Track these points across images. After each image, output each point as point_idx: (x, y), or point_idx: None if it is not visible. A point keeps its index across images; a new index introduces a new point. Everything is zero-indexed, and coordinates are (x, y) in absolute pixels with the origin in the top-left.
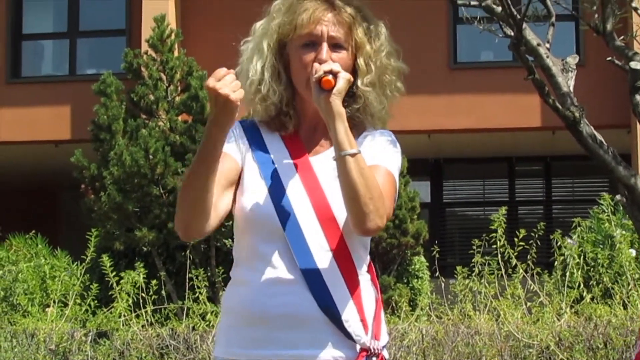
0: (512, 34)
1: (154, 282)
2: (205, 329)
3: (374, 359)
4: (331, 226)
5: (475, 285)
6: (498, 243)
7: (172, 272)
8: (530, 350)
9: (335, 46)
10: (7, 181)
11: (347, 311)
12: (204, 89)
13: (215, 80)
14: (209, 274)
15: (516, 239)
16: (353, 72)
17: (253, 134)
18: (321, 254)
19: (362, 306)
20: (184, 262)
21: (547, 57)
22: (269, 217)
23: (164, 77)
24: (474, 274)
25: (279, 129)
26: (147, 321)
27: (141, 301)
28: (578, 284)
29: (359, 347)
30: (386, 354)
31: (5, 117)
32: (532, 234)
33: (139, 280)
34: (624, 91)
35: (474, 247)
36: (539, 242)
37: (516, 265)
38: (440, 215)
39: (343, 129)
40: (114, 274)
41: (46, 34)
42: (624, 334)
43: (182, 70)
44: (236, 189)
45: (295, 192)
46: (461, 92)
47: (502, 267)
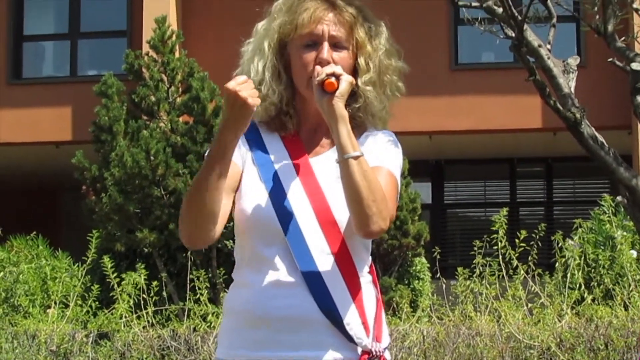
0: (513, 35)
1: (155, 283)
2: (207, 330)
3: None
4: (332, 229)
5: (476, 287)
6: (499, 244)
7: (173, 274)
8: (532, 351)
9: (336, 46)
10: (8, 182)
11: (348, 314)
12: (205, 90)
13: (236, 84)
14: (210, 275)
15: (517, 240)
16: (353, 72)
17: (253, 135)
18: (322, 257)
19: (364, 309)
20: (185, 264)
21: (548, 58)
22: (270, 220)
23: (165, 78)
24: (475, 275)
25: (278, 129)
26: (148, 322)
27: (142, 302)
28: (579, 285)
29: (360, 349)
30: (388, 355)
31: (6, 118)
32: (533, 235)
33: (140, 282)
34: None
35: (475, 248)
36: (540, 243)
37: (517, 266)
38: (441, 216)
39: (346, 131)
40: (115, 275)
41: (47, 35)
42: (625, 335)
43: (183, 71)
44: (236, 191)
45: (295, 195)
46: (462, 93)
47: (503, 268)
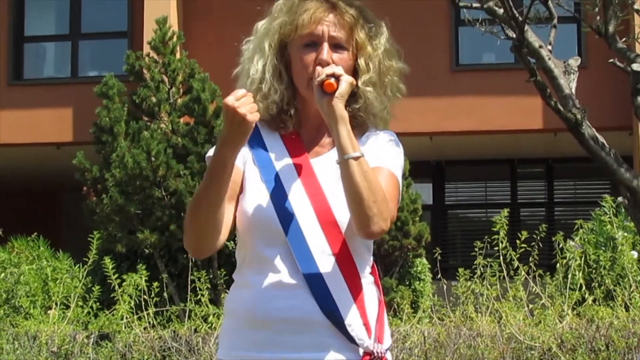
0: (514, 36)
1: (156, 284)
2: (208, 331)
3: None
4: (333, 230)
5: (477, 287)
6: (500, 245)
7: (174, 274)
8: (532, 352)
9: (336, 46)
10: (8, 183)
11: (349, 315)
12: (206, 91)
13: (235, 99)
14: (211, 276)
15: (518, 241)
16: (354, 73)
17: (253, 134)
18: (323, 258)
19: (365, 310)
20: (186, 264)
21: (549, 59)
22: (271, 221)
23: (165, 79)
24: (475, 276)
25: (279, 127)
26: (149, 323)
27: (143, 303)
28: (580, 286)
29: (362, 350)
30: (389, 356)
31: (7, 119)
32: (534, 236)
33: (140, 283)
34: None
35: (476, 249)
36: (540, 244)
37: (518, 267)
38: (442, 217)
39: (346, 132)
40: (116, 276)
41: (48, 36)
42: (626, 336)
43: (184, 72)
44: (239, 194)
45: (296, 196)
46: (463, 94)
47: (504, 269)
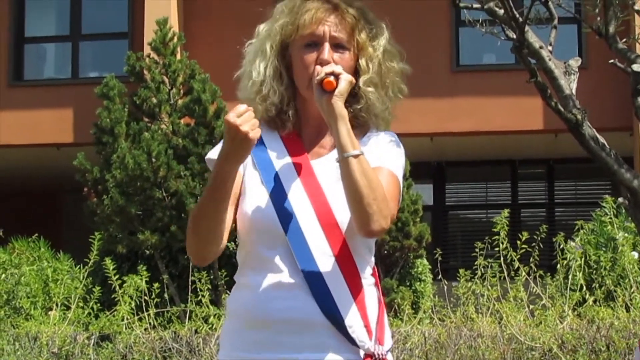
0: (515, 36)
1: (156, 285)
2: (208, 332)
3: None
4: (333, 231)
5: (478, 288)
6: (500, 246)
7: (174, 275)
8: (533, 353)
9: (337, 47)
10: (9, 184)
11: (350, 317)
12: (206, 92)
13: (236, 116)
14: (211, 277)
15: (519, 241)
16: (355, 73)
17: None
18: (324, 259)
19: (366, 311)
20: (187, 265)
21: (550, 59)
22: (271, 223)
23: (166, 80)
24: (476, 276)
25: (278, 127)
26: (150, 324)
27: (144, 304)
28: (580, 287)
29: (363, 352)
30: (390, 357)
31: (7, 120)
32: (535, 236)
33: (141, 285)
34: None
35: (477, 249)
36: (541, 245)
37: (519, 267)
38: (443, 218)
39: (345, 130)
40: (116, 277)
41: (49, 37)
42: (626, 336)
43: (185, 73)
44: (239, 197)
45: (296, 196)
46: (463, 95)
47: (504, 270)
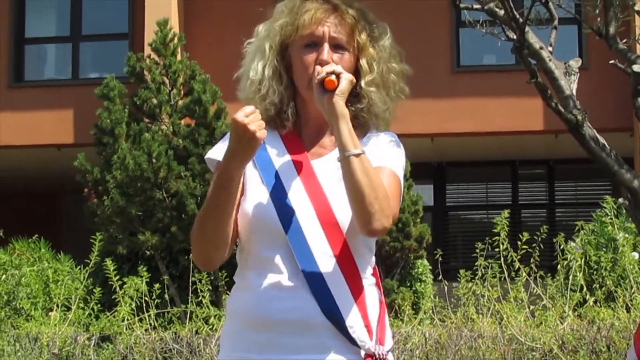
0: (515, 37)
1: (157, 286)
2: (209, 332)
3: None
4: (334, 231)
5: (478, 289)
6: (501, 246)
7: (175, 276)
8: (534, 353)
9: (336, 47)
10: (9, 185)
11: (351, 317)
12: (207, 93)
13: (244, 115)
14: (212, 277)
15: (519, 242)
16: (355, 74)
17: None
18: (324, 259)
19: (366, 311)
20: (187, 266)
21: (550, 60)
22: (272, 222)
23: (166, 80)
24: (477, 277)
25: (278, 127)
26: (151, 325)
27: (144, 305)
28: (581, 287)
29: (363, 352)
30: (391, 357)
31: (7, 121)
32: (535, 237)
33: (141, 286)
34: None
35: (477, 250)
36: (541, 246)
37: (519, 268)
38: (443, 218)
39: (347, 129)
40: (117, 278)
41: (49, 37)
42: (627, 337)
43: (185, 74)
44: (240, 197)
45: (297, 197)
46: (464, 96)
47: (505, 271)
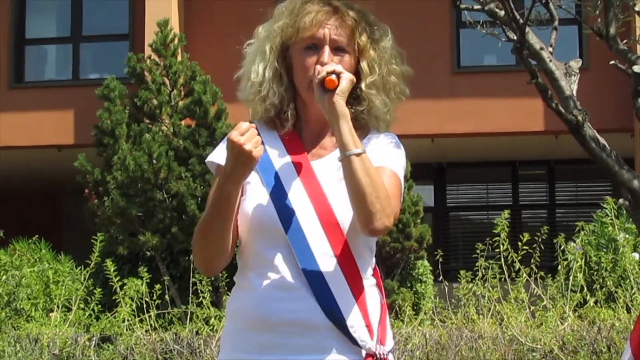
0: (515, 38)
1: (157, 286)
2: (209, 333)
3: None
4: (335, 231)
5: (479, 289)
6: (501, 247)
7: (175, 277)
8: (534, 354)
9: (337, 49)
10: (10, 186)
11: (352, 317)
12: (207, 94)
13: (239, 134)
14: (212, 278)
15: (520, 242)
16: (356, 76)
17: None
18: (325, 259)
19: (367, 311)
20: (188, 267)
21: (550, 61)
22: (272, 223)
23: (167, 81)
24: (477, 278)
25: (277, 127)
26: (151, 326)
27: (145, 306)
28: (581, 288)
29: (364, 352)
30: (392, 358)
31: (8, 122)
32: (536, 237)
33: (141, 289)
34: (626, 95)
35: (478, 251)
36: (542, 246)
37: (519, 269)
38: (444, 219)
39: (347, 129)
40: (117, 278)
41: (49, 38)
42: (627, 337)
43: (186, 74)
44: (240, 199)
45: (296, 196)
46: (464, 96)
47: (505, 271)
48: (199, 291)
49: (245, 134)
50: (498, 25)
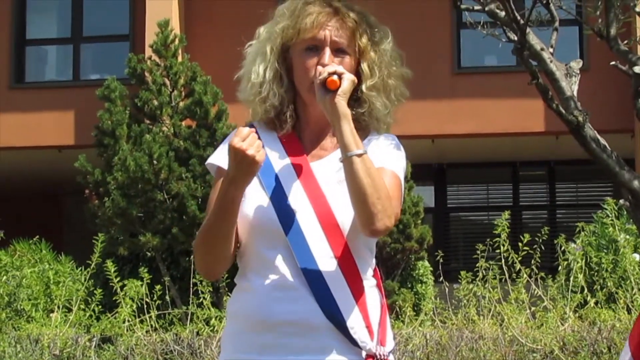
0: (516, 38)
1: (158, 287)
2: (210, 334)
3: None
4: (335, 232)
5: (479, 290)
6: (502, 248)
7: (176, 277)
8: (535, 354)
9: (338, 51)
10: (10, 186)
11: (352, 318)
12: (207, 94)
13: (241, 140)
14: None
15: (520, 243)
16: (356, 77)
17: None
18: (325, 260)
19: (367, 312)
20: (188, 267)
21: (551, 61)
22: (272, 224)
23: (167, 82)
24: (477, 278)
25: (276, 128)
26: (151, 326)
27: (145, 306)
28: (582, 289)
29: (365, 353)
30: (392, 358)
31: (8, 122)
32: (536, 238)
33: (141, 291)
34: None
35: (478, 251)
36: (542, 247)
37: (520, 269)
38: (444, 220)
39: (349, 129)
40: (118, 279)
41: (50, 39)
42: (627, 338)
43: (186, 75)
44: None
45: (296, 197)
46: (465, 97)
47: (505, 272)
48: (200, 292)
49: (246, 139)
50: (499, 26)
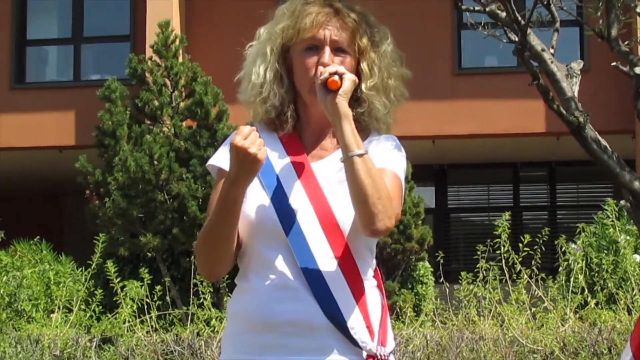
0: (517, 39)
1: (158, 287)
2: (210, 334)
3: None
4: (335, 232)
5: (480, 291)
6: (502, 248)
7: (176, 278)
8: (535, 355)
9: (338, 50)
10: (11, 187)
11: (352, 318)
12: (208, 95)
13: (243, 138)
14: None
15: (520, 244)
16: (356, 77)
17: None
18: (325, 260)
19: (368, 312)
20: (189, 268)
21: (552, 62)
22: (272, 224)
23: (168, 82)
24: (478, 279)
25: (277, 129)
26: (152, 327)
27: (146, 307)
28: (582, 290)
29: (365, 353)
30: (393, 359)
31: (9, 123)
32: (537, 239)
33: (140, 292)
34: (628, 96)
35: (479, 252)
36: (543, 248)
37: (520, 270)
38: (445, 220)
39: (350, 129)
40: (118, 279)
41: (50, 39)
42: (628, 339)
43: (187, 75)
44: None
45: (296, 197)
46: (465, 98)
47: (506, 273)
48: (200, 292)
49: (248, 137)
50: (499, 27)
